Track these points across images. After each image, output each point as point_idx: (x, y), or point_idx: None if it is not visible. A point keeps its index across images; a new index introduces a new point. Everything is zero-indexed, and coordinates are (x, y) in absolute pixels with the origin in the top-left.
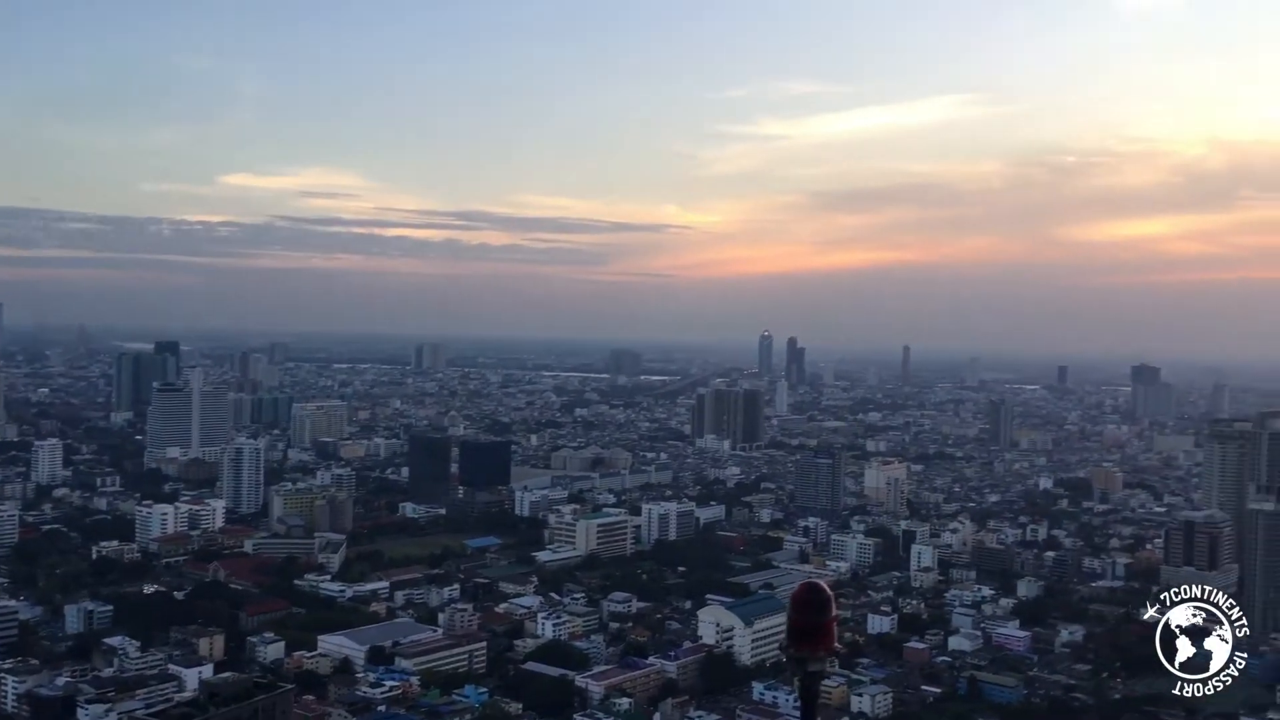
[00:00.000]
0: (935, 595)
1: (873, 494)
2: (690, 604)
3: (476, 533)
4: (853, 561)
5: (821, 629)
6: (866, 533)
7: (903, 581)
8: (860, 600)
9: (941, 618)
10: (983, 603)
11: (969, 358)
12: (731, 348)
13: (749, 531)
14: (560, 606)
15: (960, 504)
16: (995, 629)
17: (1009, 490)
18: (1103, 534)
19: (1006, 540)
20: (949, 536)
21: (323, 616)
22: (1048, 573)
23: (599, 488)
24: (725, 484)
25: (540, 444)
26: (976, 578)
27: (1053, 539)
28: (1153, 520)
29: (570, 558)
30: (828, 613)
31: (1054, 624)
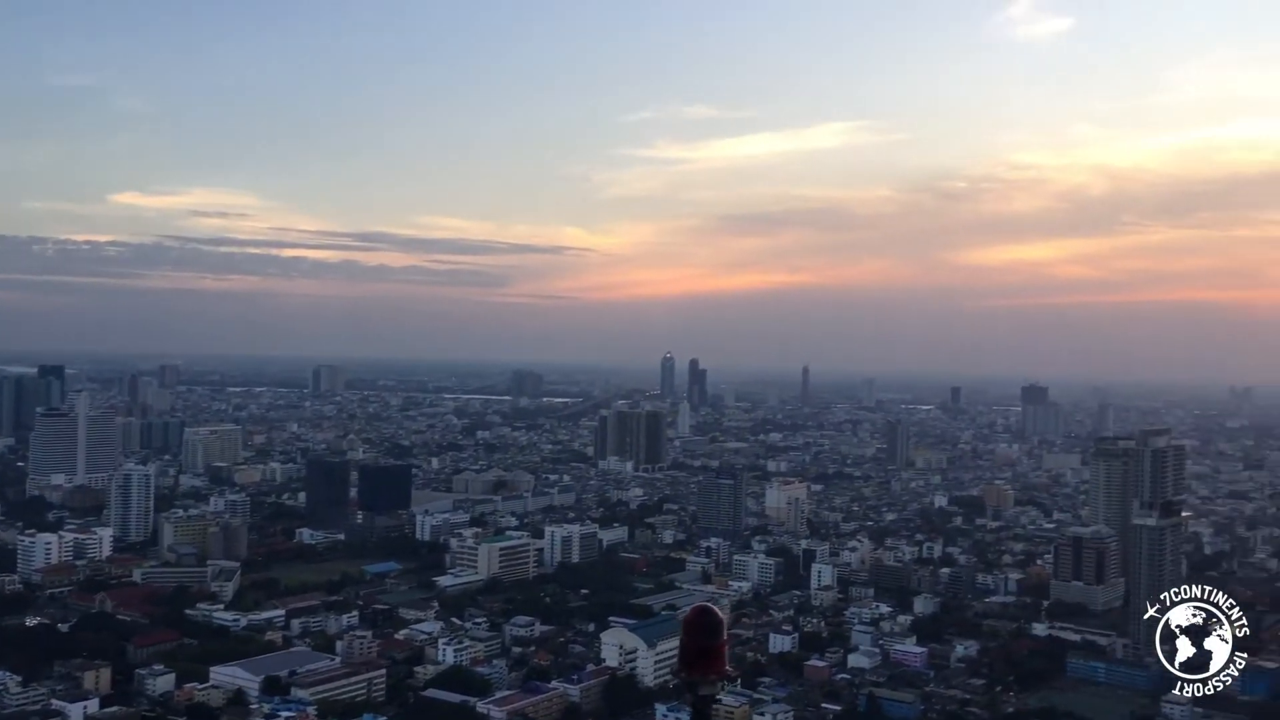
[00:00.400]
0: (835, 613)
1: (774, 514)
2: (593, 626)
3: (376, 558)
4: (754, 581)
5: (713, 652)
6: (768, 552)
7: (803, 600)
8: (762, 620)
9: (841, 635)
10: (881, 620)
11: (866, 379)
12: (634, 369)
13: (652, 553)
14: (462, 632)
15: (859, 523)
16: (893, 646)
17: (906, 508)
18: (995, 550)
19: (904, 558)
20: (848, 555)
21: (215, 647)
22: (943, 589)
23: (501, 511)
24: (628, 505)
25: (441, 467)
26: (875, 595)
27: (948, 556)
28: (1042, 536)
29: (472, 582)
30: (719, 636)
31: (950, 639)
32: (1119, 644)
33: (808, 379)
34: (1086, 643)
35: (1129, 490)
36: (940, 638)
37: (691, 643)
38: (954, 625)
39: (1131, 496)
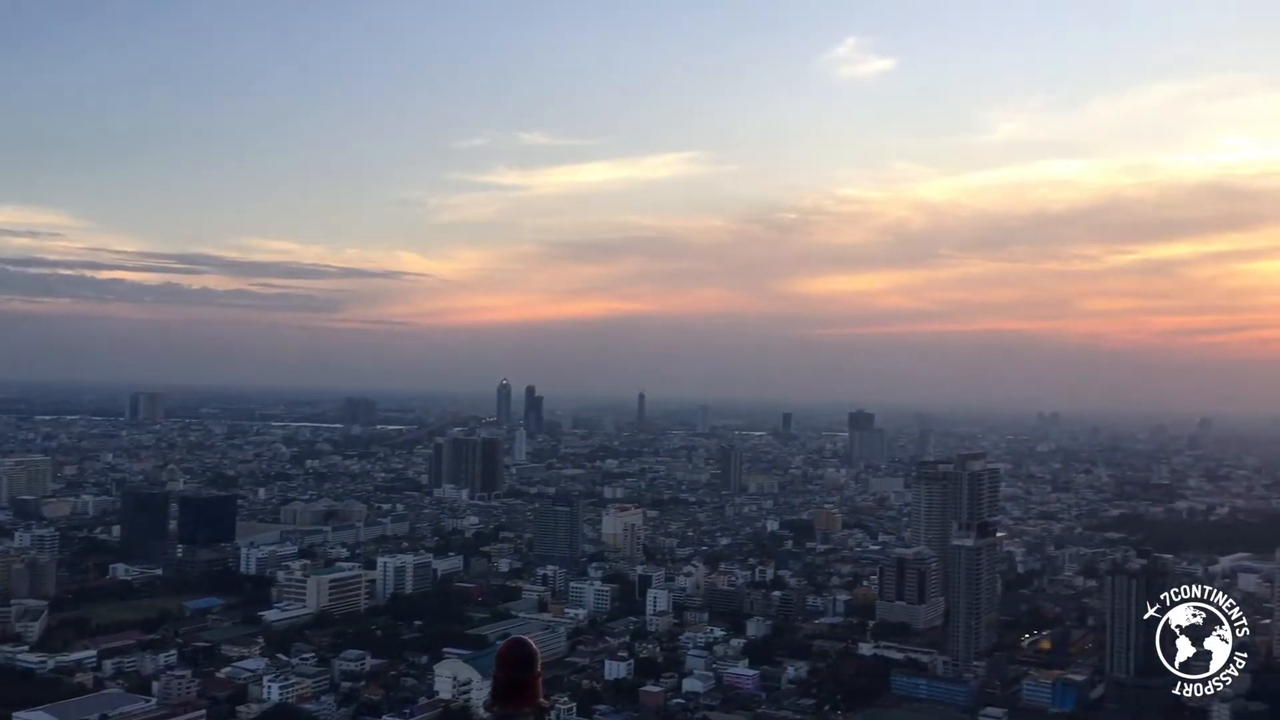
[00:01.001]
0: (670, 638)
1: (610, 540)
2: (427, 658)
3: (197, 593)
4: (591, 608)
5: (526, 685)
6: (604, 579)
7: (639, 626)
8: (598, 647)
9: (676, 660)
10: (715, 644)
11: (700, 405)
12: (469, 396)
13: (488, 581)
14: (288, 668)
15: (694, 548)
16: (726, 669)
17: (739, 533)
18: (824, 573)
19: (737, 581)
20: (683, 580)
21: (19, 691)
22: (775, 612)
23: (331, 541)
24: (463, 534)
25: (269, 497)
26: (709, 619)
27: (779, 579)
28: (869, 558)
29: (300, 616)
30: (533, 668)
31: (781, 661)
32: (940, 661)
33: (644, 406)
34: (910, 660)
35: (948, 512)
36: (772, 659)
37: (504, 676)
38: (785, 647)
39: (951, 518)
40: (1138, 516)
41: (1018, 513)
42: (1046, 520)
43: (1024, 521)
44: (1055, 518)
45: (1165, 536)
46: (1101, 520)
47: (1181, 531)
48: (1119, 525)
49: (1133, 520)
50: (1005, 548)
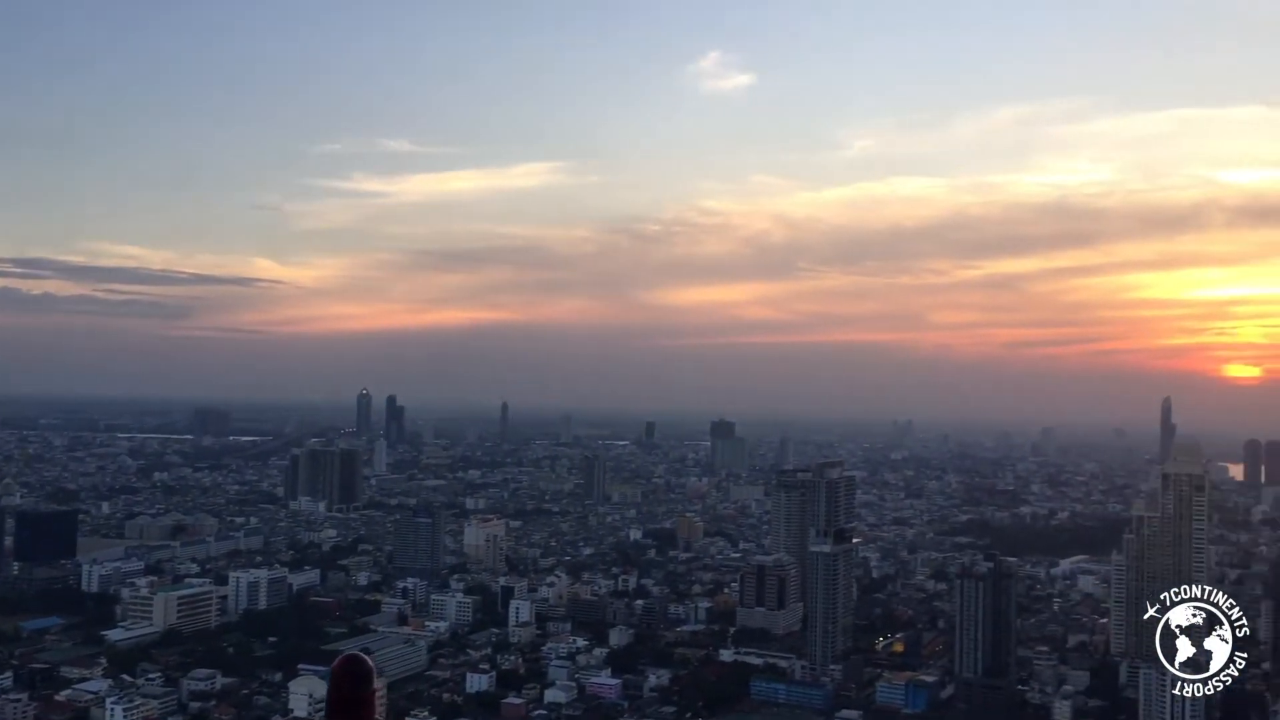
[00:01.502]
0: (533, 649)
1: (472, 552)
2: (281, 676)
3: (34, 613)
4: (452, 620)
5: (362, 702)
6: (466, 591)
7: (501, 638)
8: (459, 659)
9: (539, 671)
10: (578, 654)
11: (564, 414)
12: (328, 406)
13: (346, 596)
14: (133, 689)
15: (557, 558)
16: (589, 679)
17: (602, 542)
18: (686, 580)
19: (600, 591)
20: (546, 590)
21: None
22: (638, 620)
23: (180, 557)
24: (321, 547)
25: (113, 512)
26: (572, 629)
27: (642, 587)
28: (730, 565)
29: (146, 635)
30: (368, 685)
31: (643, 669)
32: (798, 665)
33: (507, 415)
34: (769, 666)
35: (807, 519)
36: (634, 668)
37: (339, 693)
38: (648, 655)
39: (809, 525)
40: (985, 521)
41: (873, 519)
42: (900, 526)
43: (879, 527)
44: (908, 523)
45: (1010, 540)
46: (951, 525)
47: (1025, 535)
48: (968, 530)
49: (980, 525)
50: (861, 553)
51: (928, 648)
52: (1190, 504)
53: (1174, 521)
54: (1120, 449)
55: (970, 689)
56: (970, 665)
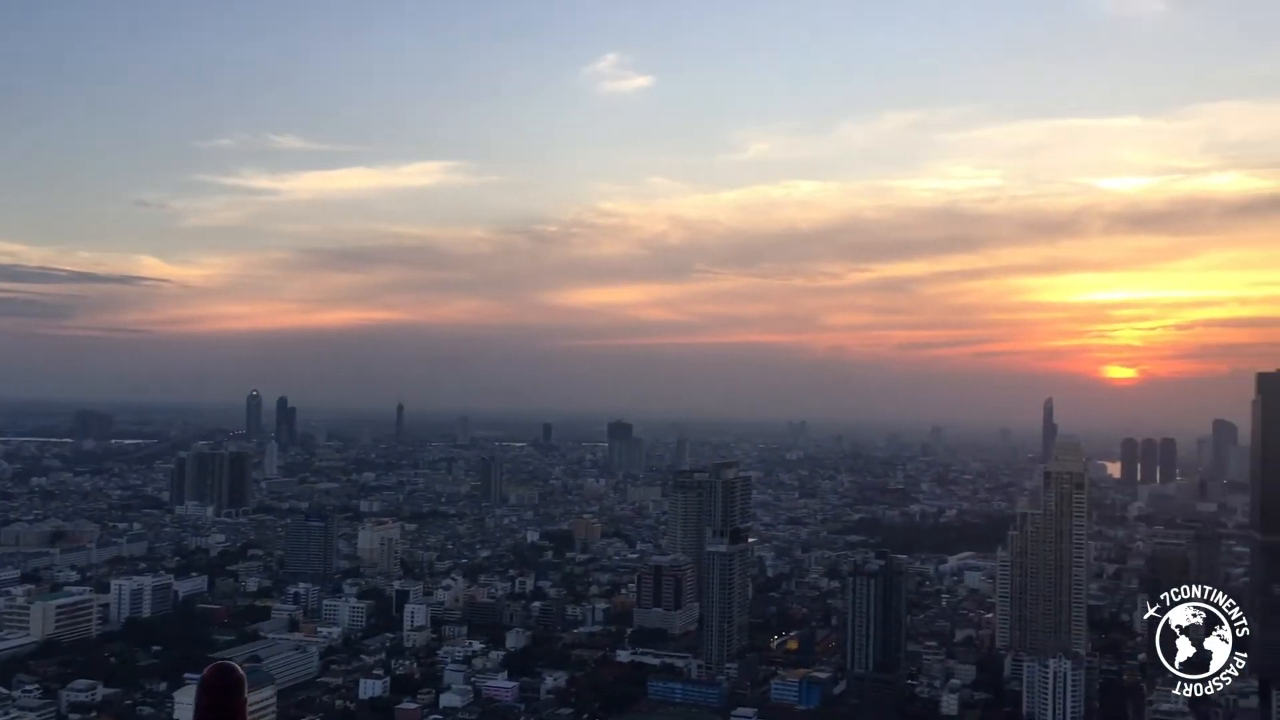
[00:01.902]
0: (428, 654)
1: (367, 555)
2: (166, 686)
3: None
4: (345, 626)
5: (232, 711)
6: (360, 595)
7: (396, 642)
8: (352, 665)
9: (434, 676)
10: (474, 657)
11: (461, 416)
12: (216, 408)
13: (234, 602)
14: (9, 701)
15: (453, 561)
16: (485, 682)
17: (499, 545)
18: (584, 582)
19: (497, 594)
20: (442, 594)
21: None
22: (535, 623)
23: (59, 564)
24: (208, 553)
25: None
26: (468, 633)
27: (539, 590)
28: (627, 566)
29: (23, 645)
30: (239, 694)
31: (540, 672)
32: (694, 665)
33: (402, 417)
34: (666, 665)
35: (703, 519)
36: (531, 671)
37: (208, 703)
38: (544, 657)
39: (705, 525)
40: (877, 520)
41: (768, 518)
42: (795, 525)
43: (774, 527)
44: (802, 522)
45: (901, 538)
46: (844, 524)
47: (915, 533)
48: (860, 528)
49: (872, 523)
50: (756, 552)
51: (821, 645)
52: (1071, 501)
53: (1055, 518)
54: (1005, 448)
55: (861, 684)
56: (862, 661)
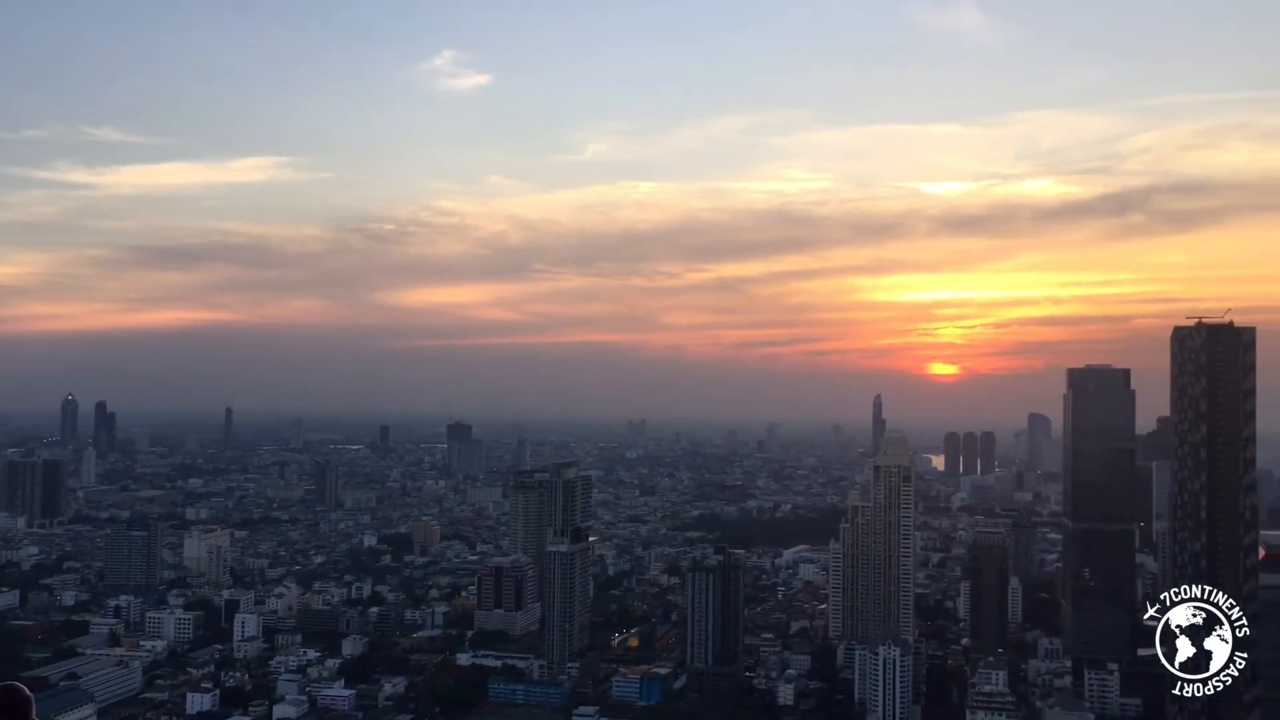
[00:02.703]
0: (261, 665)
1: (194, 565)
2: None
3: None
4: (171, 639)
5: None
6: (186, 606)
7: (226, 654)
8: (179, 679)
9: (267, 687)
10: (308, 666)
11: (294, 419)
12: (28, 414)
13: (49, 618)
14: None
15: (286, 568)
16: (321, 691)
17: (335, 550)
18: (423, 585)
19: (333, 600)
20: (275, 602)
21: None
22: (372, 629)
23: None
24: (20, 566)
25: None
26: (304, 641)
27: (377, 595)
28: (467, 568)
29: None
30: (25, 715)
31: (378, 679)
32: (536, 665)
33: (231, 421)
34: (507, 667)
35: (544, 519)
36: (369, 678)
37: None
38: (383, 663)
39: (546, 525)
40: (715, 516)
41: (609, 517)
42: (635, 523)
43: (615, 525)
44: (643, 520)
45: (739, 533)
46: (684, 521)
47: (752, 528)
48: (699, 525)
49: (711, 519)
50: (597, 551)
51: (662, 641)
52: (899, 494)
53: (884, 511)
54: (838, 444)
55: (701, 678)
56: (701, 655)
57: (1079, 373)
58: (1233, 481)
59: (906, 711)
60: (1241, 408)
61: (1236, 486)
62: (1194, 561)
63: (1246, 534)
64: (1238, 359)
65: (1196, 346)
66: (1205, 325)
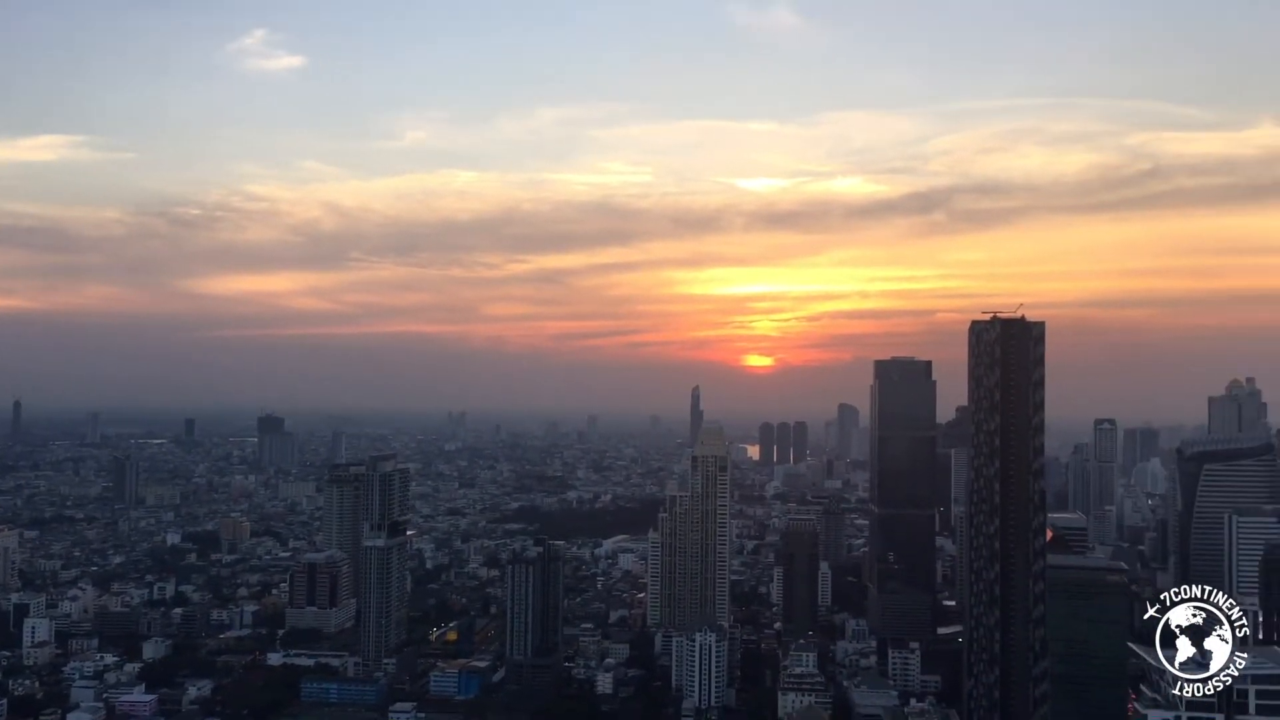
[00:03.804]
0: (53, 671)
1: None
2: None
3: None
4: None
5: None
6: None
7: (14, 661)
8: None
9: (60, 695)
10: (105, 671)
11: (90, 412)
12: None
13: None
14: None
15: (81, 569)
16: (119, 697)
17: (135, 549)
18: (231, 584)
19: (133, 602)
20: (69, 605)
21: None
22: (176, 630)
23: None
24: None
25: None
26: (100, 645)
27: (181, 595)
28: (279, 565)
29: None
30: None
31: (182, 682)
32: (351, 662)
33: (20, 415)
34: (320, 665)
35: (360, 514)
36: (172, 681)
37: None
38: (187, 666)
39: (362, 519)
40: (535, 507)
41: (428, 510)
42: (454, 516)
43: (434, 518)
44: (462, 513)
45: (559, 524)
46: (504, 513)
47: (573, 519)
48: (519, 517)
49: (531, 511)
50: (416, 545)
51: (481, 634)
52: (715, 483)
53: (701, 500)
54: (656, 434)
55: (520, 670)
56: (521, 647)
57: (885, 364)
58: (1023, 467)
59: (721, 695)
60: (1031, 398)
61: (1027, 472)
62: (988, 544)
63: (1035, 517)
64: (1029, 352)
65: (991, 340)
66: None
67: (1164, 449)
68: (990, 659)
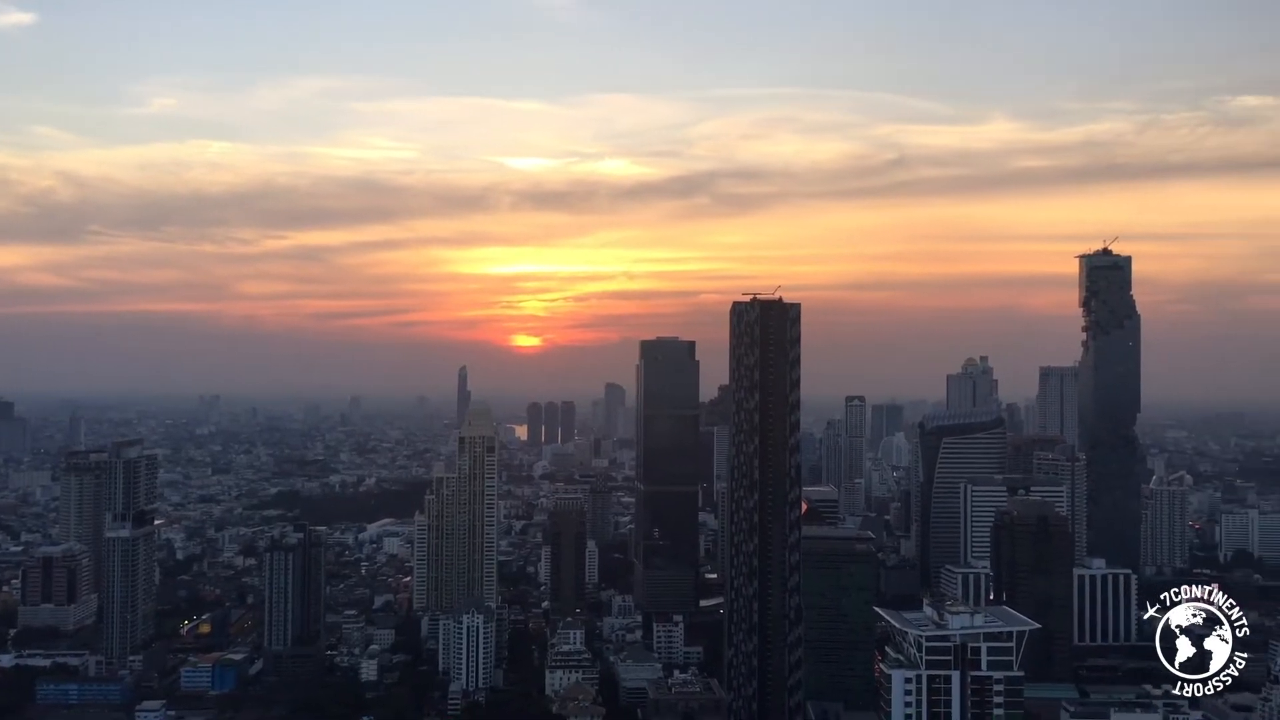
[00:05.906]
0: None
1: None
2: None
3: None
4: None
5: None
6: None
7: None
8: None
9: None
10: None
11: None
12: None
13: None
14: None
15: None
16: None
17: None
18: None
19: None
20: None
21: None
22: None
23: None
24: None
25: None
26: None
27: None
28: (10, 561)
29: None
30: None
31: None
32: (93, 661)
33: None
34: (58, 666)
35: (102, 503)
36: None
37: None
38: None
39: (105, 510)
40: (296, 492)
41: (177, 498)
42: (207, 503)
43: (184, 507)
44: (216, 500)
45: (321, 510)
46: (261, 499)
47: (335, 504)
48: (278, 503)
49: (291, 496)
50: (165, 535)
51: (236, 625)
52: (483, 464)
53: (469, 481)
54: (423, 416)
55: (280, 661)
56: (280, 637)
57: (650, 345)
58: (780, 444)
59: (489, 676)
60: (788, 376)
61: (784, 448)
62: (748, 517)
63: (791, 490)
64: (785, 332)
65: (751, 320)
66: (759, 301)
67: (908, 424)
68: (749, 628)
